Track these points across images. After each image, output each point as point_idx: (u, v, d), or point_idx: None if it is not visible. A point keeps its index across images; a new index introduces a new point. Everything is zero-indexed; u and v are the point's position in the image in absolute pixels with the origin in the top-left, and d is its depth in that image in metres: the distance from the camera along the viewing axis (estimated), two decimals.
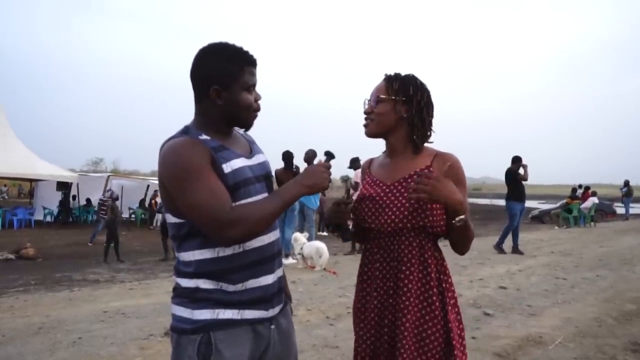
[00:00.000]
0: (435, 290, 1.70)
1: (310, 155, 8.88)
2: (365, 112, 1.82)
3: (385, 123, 1.78)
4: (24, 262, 10.80)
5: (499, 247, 10.01)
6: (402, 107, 1.76)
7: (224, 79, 1.54)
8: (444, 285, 1.73)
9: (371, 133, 1.83)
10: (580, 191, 20.50)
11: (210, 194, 1.43)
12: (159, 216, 15.99)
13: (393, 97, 1.76)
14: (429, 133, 1.81)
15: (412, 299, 1.67)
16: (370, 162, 1.98)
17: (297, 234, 8.20)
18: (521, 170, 9.96)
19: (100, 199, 14.93)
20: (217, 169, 1.49)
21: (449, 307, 1.71)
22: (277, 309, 1.64)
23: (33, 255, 11.38)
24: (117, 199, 13.61)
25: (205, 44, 1.60)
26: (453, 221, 1.63)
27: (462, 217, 1.61)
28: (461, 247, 1.77)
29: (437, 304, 1.69)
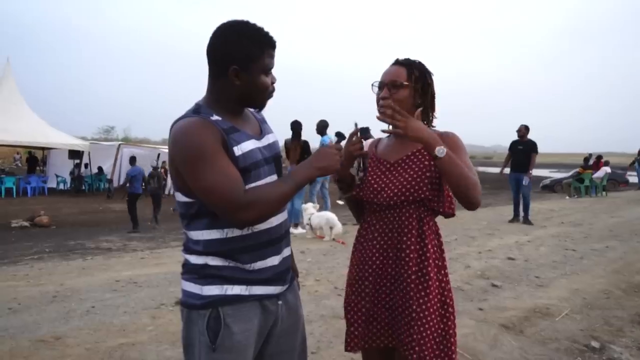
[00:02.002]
0: (431, 262, 1.79)
1: (321, 126, 8.86)
2: (382, 98, 1.83)
3: (404, 109, 1.79)
4: (38, 230, 10.99)
5: (517, 218, 10.10)
6: (417, 94, 1.84)
7: (244, 60, 1.51)
8: (440, 259, 1.85)
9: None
10: (593, 160, 20.25)
11: (224, 177, 1.43)
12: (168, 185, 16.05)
13: (413, 85, 1.83)
14: (434, 118, 1.92)
15: (413, 268, 1.78)
16: (377, 142, 2.06)
17: (307, 204, 8.23)
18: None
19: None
20: (227, 151, 1.48)
21: (444, 279, 1.84)
22: (284, 287, 1.67)
23: (47, 223, 11.57)
24: (157, 168, 14.16)
25: (224, 20, 1.57)
26: (434, 157, 1.67)
27: (442, 148, 1.64)
28: (462, 195, 1.68)
29: (432, 274, 1.78)
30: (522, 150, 9.97)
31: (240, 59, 1.51)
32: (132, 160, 12.27)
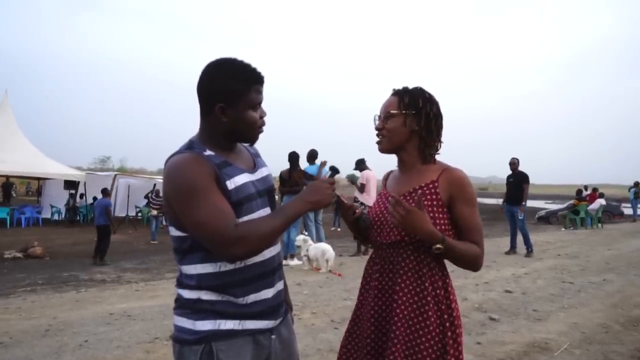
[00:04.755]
0: (432, 305, 1.69)
1: (310, 155, 9.02)
2: (376, 129, 1.83)
3: (397, 138, 1.80)
4: (31, 261, 10.86)
5: (521, 249, 10.05)
6: (413, 121, 1.77)
7: (229, 97, 1.54)
8: (444, 301, 1.72)
9: (384, 150, 1.85)
10: (586, 192, 20.34)
11: (215, 212, 1.44)
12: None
13: (403, 112, 1.77)
14: (437, 144, 1.82)
15: (405, 312, 1.68)
16: (389, 174, 2.00)
17: (305, 236, 8.23)
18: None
19: (152, 198, 15.51)
20: (220, 186, 1.50)
21: (447, 324, 1.69)
22: (278, 321, 1.66)
23: (40, 254, 11.43)
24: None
25: (213, 58, 1.61)
26: (432, 248, 1.66)
27: (439, 246, 1.64)
28: (462, 267, 1.76)
29: (433, 318, 1.68)
30: (513, 182, 10.14)
31: (226, 97, 1.54)
32: (102, 191, 11.75)
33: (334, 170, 1.75)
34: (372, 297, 1.78)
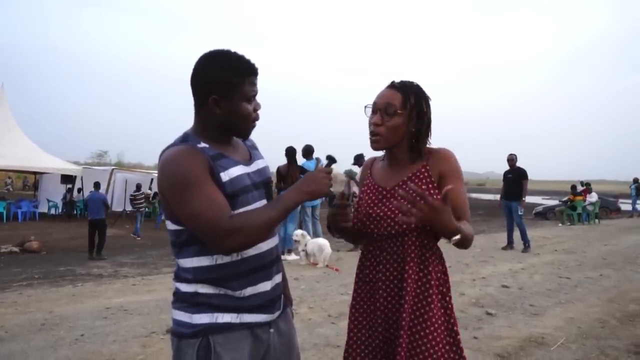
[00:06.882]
0: (435, 289, 1.71)
1: (306, 150, 9.02)
2: (374, 124, 1.75)
3: (397, 136, 1.76)
4: (27, 256, 10.85)
5: (518, 244, 10.06)
6: (414, 121, 1.75)
7: (223, 89, 1.52)
8: (445, 285, 1.76)
9: (379, 148, 1.80)
10: (581, 188, 20.36)
11: (209, 203, 1.43)
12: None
13: (408, 113, 1.74)
14: (428, 141, 1.82)
15: (412, 301, 1.69)
16: (373, 161, 1.97)
17: (303, 231, 8.24)
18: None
19: (132, 194, 16.05)
20: (214, 178, 1.49)
21: (450, 306, 1.74)
22: (276, 314, 1.65)
23: (37, 248, 11.43)
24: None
25: (208, 50, 1.58)
26: (449, 240, 1.63)
27: (457, 237, 1.58)
28: (460, 248, 1.74)
29: (436, 302, 1.70)
30: (512, 178, 10.18)
31: (220, 89, 1.52)
32: (95, 185, 11.83)
33: (331, 160, 1.73)
34: (376, 290, 1.77)
